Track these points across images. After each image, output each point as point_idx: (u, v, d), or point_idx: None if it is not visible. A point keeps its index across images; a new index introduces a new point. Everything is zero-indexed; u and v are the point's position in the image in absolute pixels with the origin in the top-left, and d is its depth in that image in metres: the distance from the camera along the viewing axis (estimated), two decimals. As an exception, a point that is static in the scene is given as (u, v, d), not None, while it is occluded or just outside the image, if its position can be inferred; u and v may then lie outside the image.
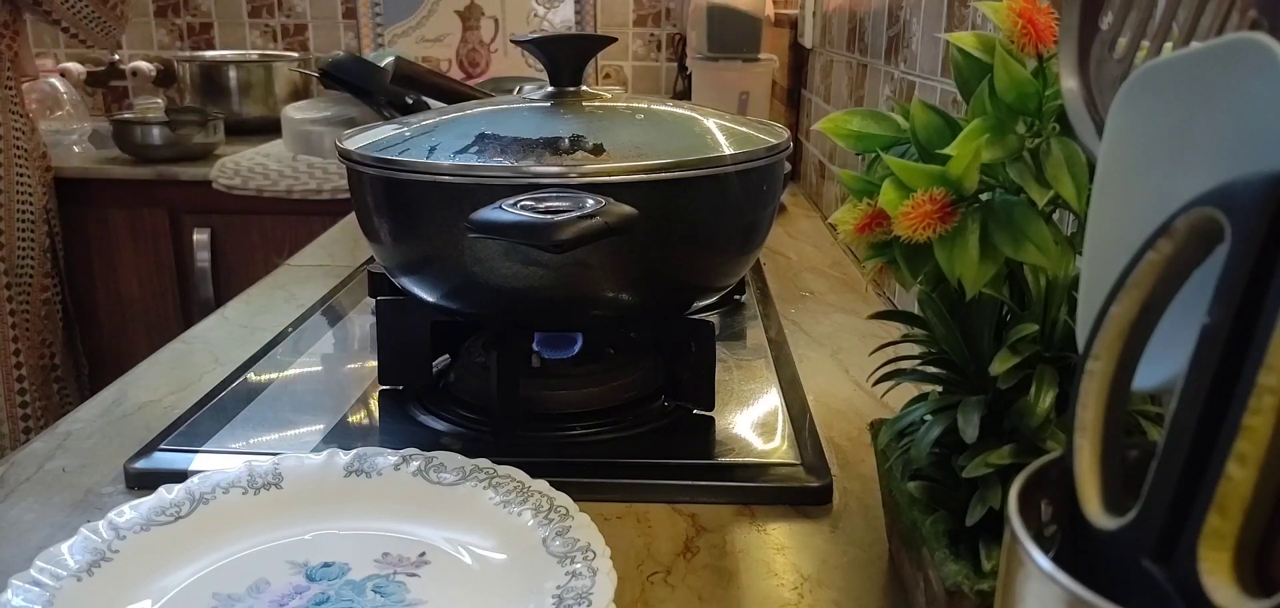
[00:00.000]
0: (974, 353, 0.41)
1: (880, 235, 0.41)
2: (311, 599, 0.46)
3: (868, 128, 0.43)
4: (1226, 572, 0.22)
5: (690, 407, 0.65)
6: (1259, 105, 0.23)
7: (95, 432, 0.64)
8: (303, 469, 0.54)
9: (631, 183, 0.55)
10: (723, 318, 0.85)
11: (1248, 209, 0.22)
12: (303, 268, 1.07)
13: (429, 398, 0.67)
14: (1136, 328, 0.25)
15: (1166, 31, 0.30)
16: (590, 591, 0.43)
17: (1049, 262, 0.37)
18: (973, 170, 0.37)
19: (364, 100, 1.37)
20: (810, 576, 0.49)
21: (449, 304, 0.62)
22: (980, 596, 0.38)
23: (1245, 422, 0.21)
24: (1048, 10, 0.38)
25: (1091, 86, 0.33)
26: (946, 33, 0.67)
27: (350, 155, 0.61)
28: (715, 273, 0.64)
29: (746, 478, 0.57)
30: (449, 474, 0.53)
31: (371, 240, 0.64)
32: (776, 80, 1.64)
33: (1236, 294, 0.22)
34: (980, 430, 0.39)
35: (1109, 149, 0.29)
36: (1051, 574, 0.23)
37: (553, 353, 0.68)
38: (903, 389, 0.46)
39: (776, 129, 0.67)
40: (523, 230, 0.49)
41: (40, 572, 0.44)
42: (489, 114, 0.63)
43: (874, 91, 1.07)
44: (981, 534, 0.39)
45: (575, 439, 0.62)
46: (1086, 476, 0.25)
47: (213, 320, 0.88)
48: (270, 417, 0.65)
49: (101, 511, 0.49)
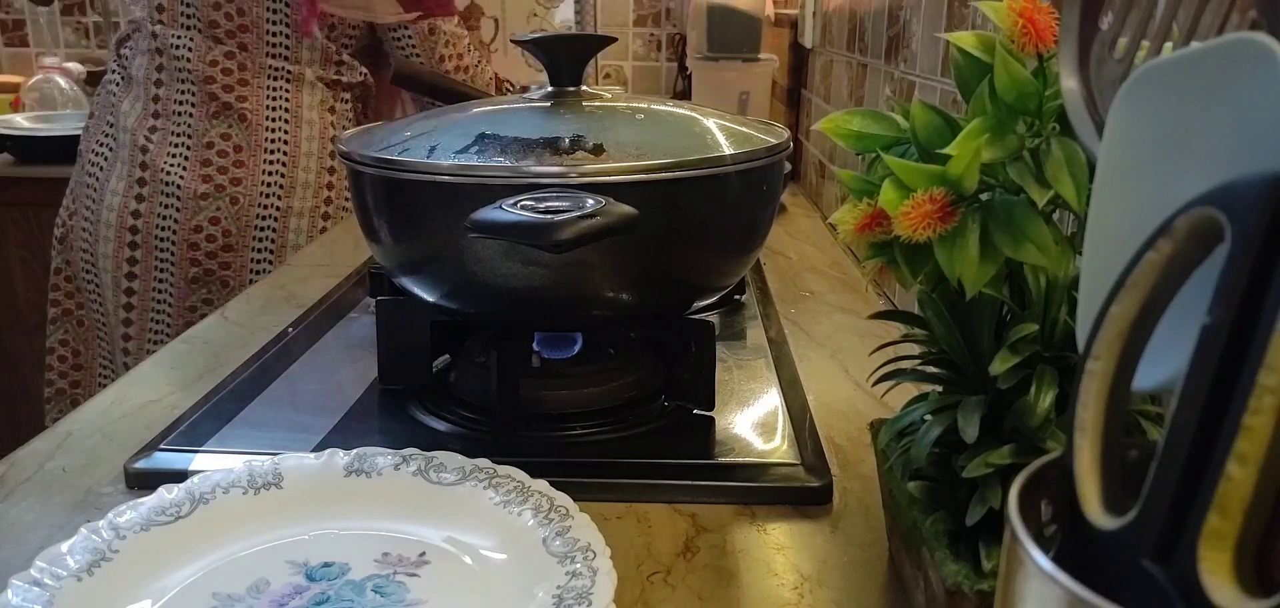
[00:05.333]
0: (974, 353, 0.41)
1: (880, 235, 0.41)
2: (311, 599, 0.46)
3: (868, 128, 0.43)
4: (1226, 572, 0.22)
5: (690, 407, 0.65)
6: (1259, 105, 0.23)
7: (95, 432, 0.64)
8: (303, 469, 0.54)
9: (631, 183, 0.55)
10: (723, 318, 0.85)
11: (1248, 209, 0.22)
12: (303, 268, 1.07)
13: (429, 398, 0.67)
14: (1136, 328, 0.25)
15: (1166, 31, 0.30)
16: (590, 591, 0.43)
17: (1049, 262, 0.37)
18: (973, 170, 0.37)
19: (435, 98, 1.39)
20: (810, 576, 0.49)
21: (449, 304, 0.62)
22: (980, 596, 0.38)
23: (1245, 422, 0.21)
24: (1048, 10, 0.38)
25: (1091, 86, 0.33)
26: (946, 33, 0.67)
27: (350, 155, 0.61)
28: (715, 273, 0.64)
29: (746, 478, 0.57)
30: (449, 474, 0.53)
31: (371, 240, 0.64)
32: (776, 80, 1.64)
33: (1236, 294, 0.22)
34: (980, 430, 0.39)
35: (1109, 149, 0.29)
36: (1051, 574, 0.23)
37: (553, 353, 0.68)
38: (903, 389, 0.46)
39: (776, 129, 0.67)
40: (523, 230, 0.49)
41: (40, 572, 0.44)
42: (489, 114, 0.63)
43: (874, 91, 1.07)
44: (981, 534, 0.39)
45: (575, 439, 0.62)
46: (1086, 476, 0.25)
47: (213, 320, 0.88)
48: (270, 417, 0.65)
49: (101, 511, 0.49)
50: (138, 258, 1.26)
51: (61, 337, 1.40)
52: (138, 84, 1.27)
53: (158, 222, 1.25)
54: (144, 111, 1.26)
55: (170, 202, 1.24)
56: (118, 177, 1.26)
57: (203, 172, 1.25)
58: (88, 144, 1.32)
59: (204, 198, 1.24)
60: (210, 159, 1.25)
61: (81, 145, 1.34)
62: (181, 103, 1.26)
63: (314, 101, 1.32)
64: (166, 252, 1.25)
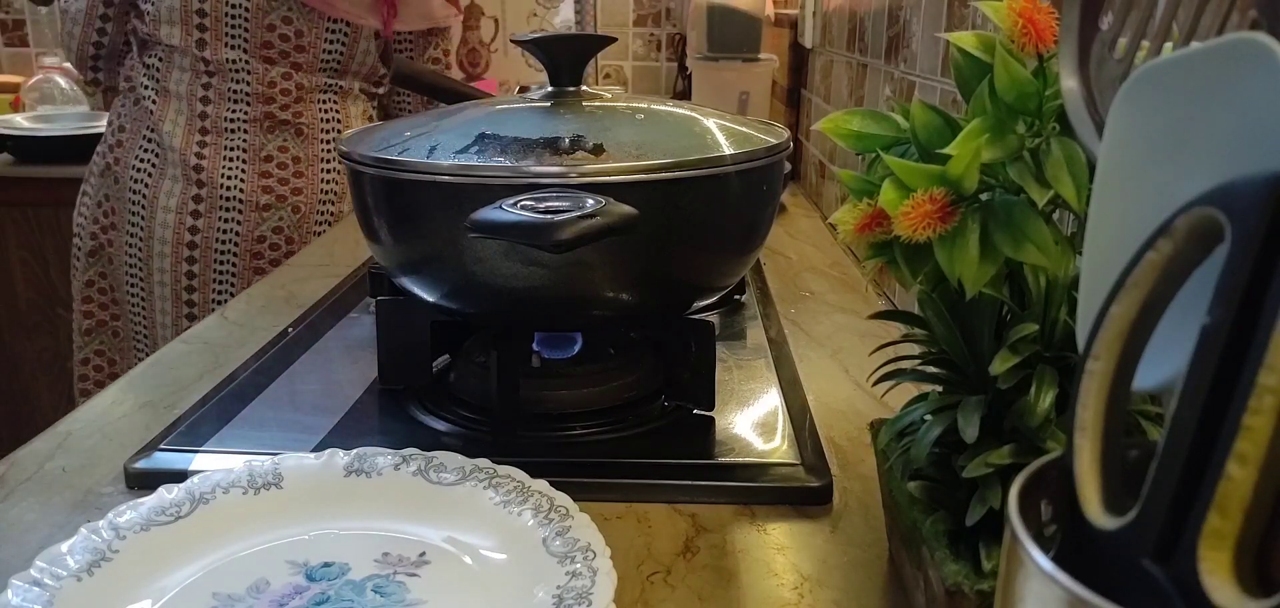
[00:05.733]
0: (974, 353, 0.41)
1: (880, 235, 0.41)
2: (311, 599, 0.46)
3: (868, 128, 0.43)
4: (1226, 572, 0.22)
5: (690, 407, 0.65)
6: (1259, 105, 0.23)
7: (95, 432, 0.64)
8: (303, 469, 0.54)
9: (631, 183, 0.55)
10: (723, 318, 0.85)
11: (1248, 209, 0.22)
12: (303, 268, 1.07)
13: (429, 398, 0.67)
14: (1136, 328, 0.25)
15: (1166, 31, 0.30)
16: (590, 591, 0.43)
17: (1049, 262, 0.37)
18: (973, 170, 0.37)
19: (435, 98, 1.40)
20: (810, 576, 0.49)
21: (449, 304, 0.62)
22: (980, 596, 0.38)
23: (1245, 422, 0.21)
24: (1048, 10, 0.38)
25: (1091, 86, 0.33)
26: (946, 33, 0.67)
27: (350, 155, 0.62)
28: (715, 273, 0.64)
29: (746, 478, 0.57)
30: (449, 474, 0.53)
31: (371, 240, 0.64)
32: (776, 80, 1.64)
33: (1236, 294, 0.22)
34: (980, 430, 0.39)
35: (1109, 149, 0.29)
36: (1051, 574, 0.23)
37: (553, 353, 0.68)
38: (903, 389, 0.46)
39: (776, 129, 0.67)
40: (523, 230, 0.49)
41: (40, 572, 0.44)
42: (489, 114, 0.63)
43: (874, 91, 1.07)
44: (981, 534, 0.39)
45: (575, 439, 0.62)
46: (1086, 476, 0.25)
47: (213, 320, 0.88)
48: (270, 417, 0.65)
49: (101, 511, 0.49)
50: (196, 272, 1.28)
51: (97, 347, 1.41)
52: (179, 99, 1.27)
53: (218, 235, 1.27)
54: (189, 128, 1.27)
55: (231, 215, 1.27)
56: (168, 193, 1.27)
57: (263, 184, 1.28)
58: (124, 157, 1.31)
59: (266, 209, 1.28)
60: (270, 172, 1.29)
61: (110, 157, 1.33)
62: (234, 119, 1.27)
63: (358, 111, 1.38)
64: (228, 263, 1.28)
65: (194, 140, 1.27)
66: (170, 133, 1.27)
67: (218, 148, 1.27)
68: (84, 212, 1.37)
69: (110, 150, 1.33)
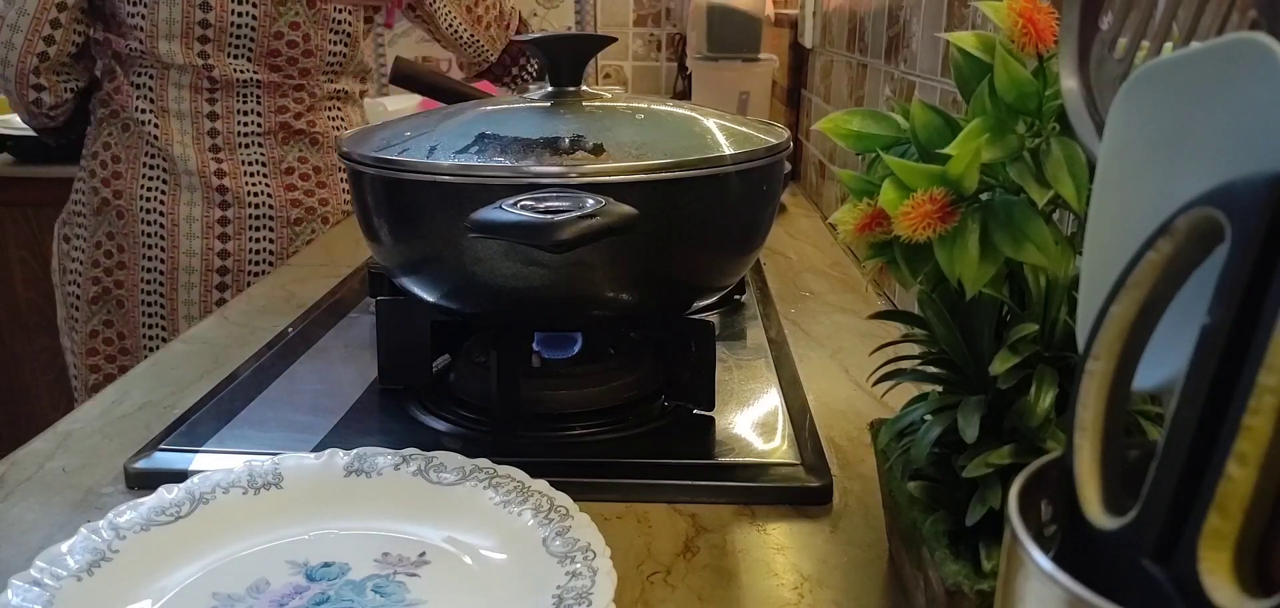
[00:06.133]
0: (974, 353, 0.41)
1: (880, 235, 0.41)
2: (311, 599, 0.46)
3: (868, 128, 0.43)
4: (1226, 572, 0.22)
5: (690, 407, 0.65)
6: (1259, 105, 0.23)
7: (95, 432, 0.64)
8: (303, 469, 0.54)
9: (631, 183, 0.55)
10: (723, 318, 0.85)
11: (1248, 209, 0.22)
12: (303, 268, 1.07)
13: (429, 398, 0.67)
14: (1136, 328, 0.25)
15: (1166, 31, 0.30)
16: (590, 591, 0.43)
17: (1049, 262, 0.37)
18: (973, 170, 0.37)
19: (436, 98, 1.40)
20: (810, 576, 0.49)
21: (449, 304, 0.62)
22: (980, 596, 0.38)
23: (1245, 422, 0.21)
24: (1048, 10, 0.38)
25: (1091, 86, 0.33)
26: (946, 33, 0.67)
27: (350, 155, 0.61)
28: (715, 273, 0.64)
29: (746, 478, 0.57)
30: (449, 474, 0.53)
31: (371, 240, 0.64)
32: (776, 80, 1.64)
33: (1236, 294, 0.22)
34: (980, 430, 0.39)
35: (1109, 149, 0.29)
36: (1051, 574, 0.23)
37: (553, 353, 0.68)
38: (903, 389, 0.46)
39: (776, 129, 0.67)
40: (523, 230, 0.49)
41: (40, 572, 0.44)
42: (489, 114, 0.63)
43: (874, 91, 1.07)
44: (981, 534, 0.39)
45: (575, 439, 0.62)
46: (1086, 476, 0.25)
47: (213, 320, 0.88)
48: (270, 417, 0.65)
49: (101, 511, 0.49)
50: (227, 299, 1.22)
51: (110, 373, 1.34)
52: (181, 117, 1.21)
53: (251, 254, 1.24)
54: (199, 145, 1.21)
55: (262, 232, 1.24)
56: (188, 217, 1.21)
57: (290, 197, 1.26)
58: (127, 188, 1.22)
59: (298, 222, 1.26)
60: (294, 184, 1.26)
61: (106, 192, 1.22)
62: (247, 133, 1.23)
63: (359, 116, 1.38)
64: (262, 279, 1.24)
65: (209, 157, 1.22)
66: (182, 155, 1.21)
67: (236, 163, 1.23)
68: (77, 258, 1.26)
69: (104, 185, 1.23)
